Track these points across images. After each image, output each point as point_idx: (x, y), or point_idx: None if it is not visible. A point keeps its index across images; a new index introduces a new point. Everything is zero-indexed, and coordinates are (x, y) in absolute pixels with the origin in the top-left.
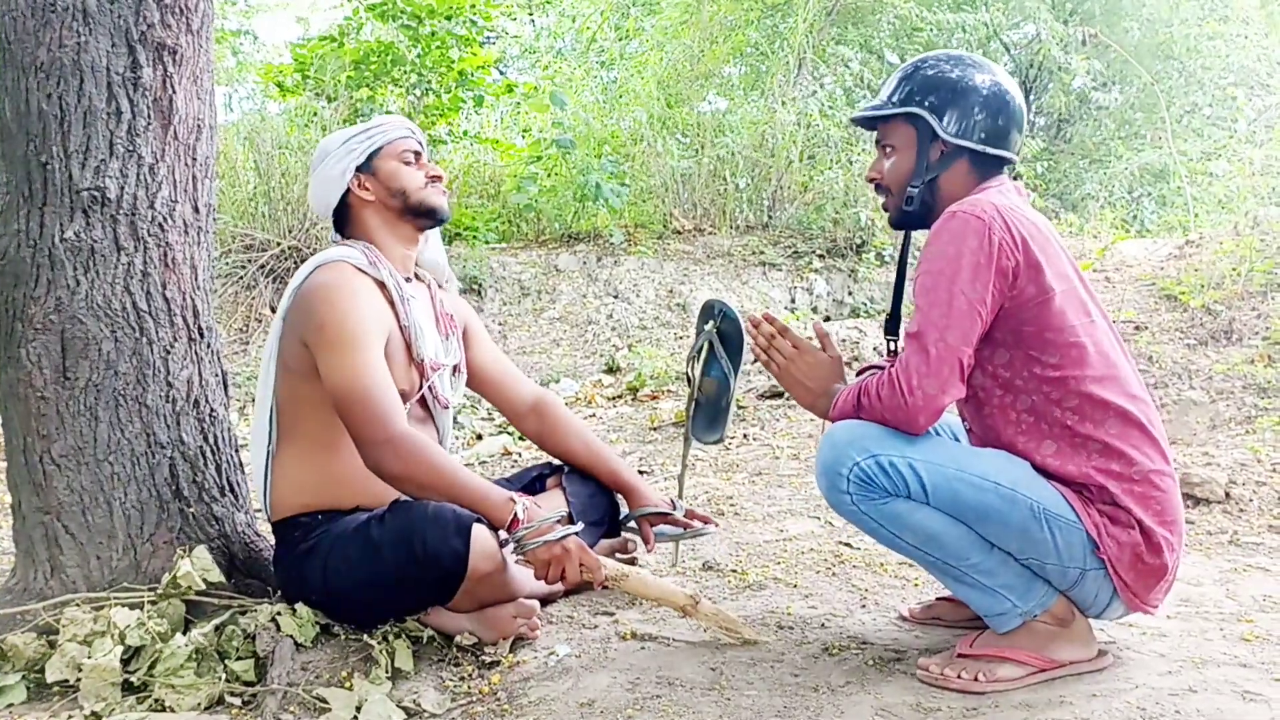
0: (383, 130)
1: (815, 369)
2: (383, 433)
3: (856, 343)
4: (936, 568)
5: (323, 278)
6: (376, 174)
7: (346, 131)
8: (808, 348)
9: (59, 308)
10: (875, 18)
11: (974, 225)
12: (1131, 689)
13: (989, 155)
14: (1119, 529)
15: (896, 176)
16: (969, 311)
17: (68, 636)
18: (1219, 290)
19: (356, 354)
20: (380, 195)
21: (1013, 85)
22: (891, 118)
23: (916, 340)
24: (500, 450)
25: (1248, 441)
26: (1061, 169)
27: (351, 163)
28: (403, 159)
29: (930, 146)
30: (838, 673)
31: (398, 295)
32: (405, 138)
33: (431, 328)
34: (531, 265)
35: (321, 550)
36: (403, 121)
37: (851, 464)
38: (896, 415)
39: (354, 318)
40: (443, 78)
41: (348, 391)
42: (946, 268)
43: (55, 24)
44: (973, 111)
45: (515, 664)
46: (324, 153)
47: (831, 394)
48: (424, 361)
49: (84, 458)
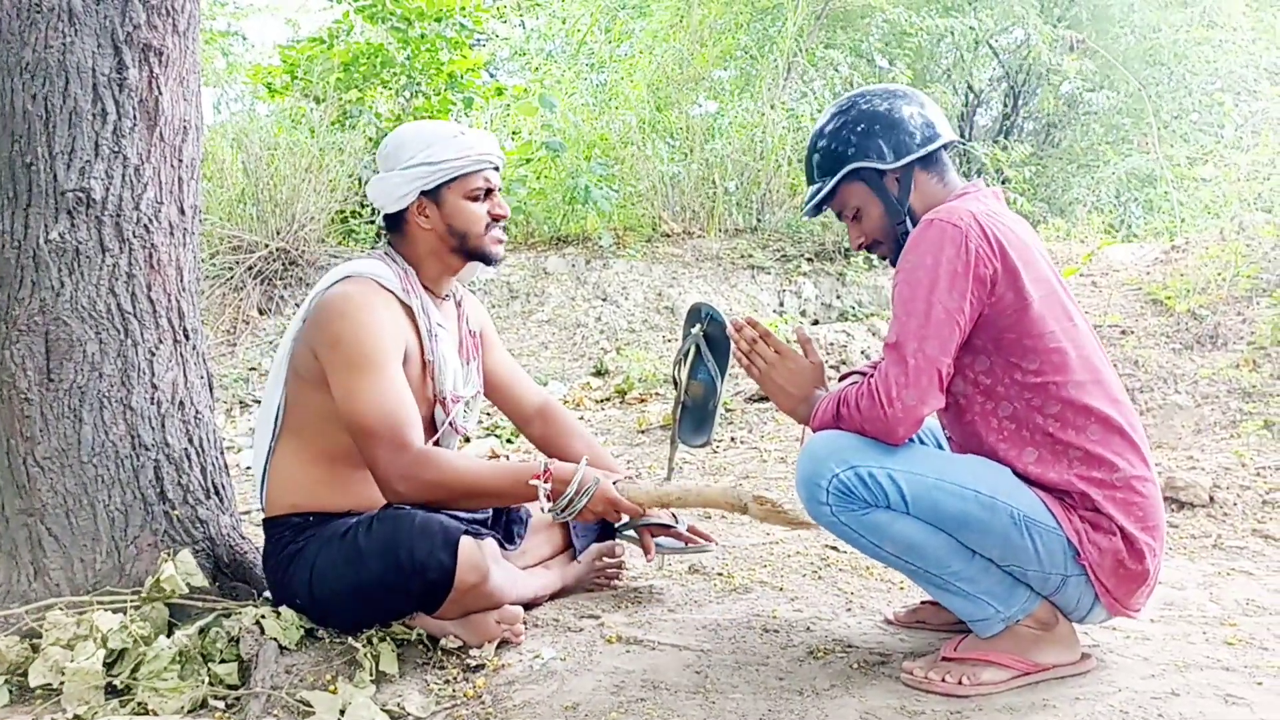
0: (460, 164)
1: (796, 375)
2: (394, 469)
3: (844, 346)
4: (918, 576)
5: (345, 290)
6: (440, 205)
7: (422, 140)
8: (790, 353)
9: (43, 309)
10: (864, 22)
11: (950, 234)
12: (1115, 692)
13: (933, 152)
14: (1100, 535)
15: (879, 228)
16: (947, 321)
17: (51, 640)
18: (1204, 295)
19: (370, 379)
20: (438, 228)
21: (903, 86)
22: (836, 190)
23: (895, 351)
24: (488, 453)
25: (1232, 446)
26: (1049, 173)
27: (419, 186)
28: (472, 196)
29: (884, 183)
30: (823, 676)
31: (425, 327)
32: (481, 171)
33: (455, 359)
34: (520, 268)
35: (309, 553)
36: (486, 151)
37: (831, 476)
38: (876, 427)
39: (370, 338)
40: (432, 80)
41: (360, 420)
42: (924, 277)
43: (41, 24)
44: (891, 131)
45: (500, 667)
46: (393, 157)
47: (812, 400)
48: (445, 398)
49: (68, 460)
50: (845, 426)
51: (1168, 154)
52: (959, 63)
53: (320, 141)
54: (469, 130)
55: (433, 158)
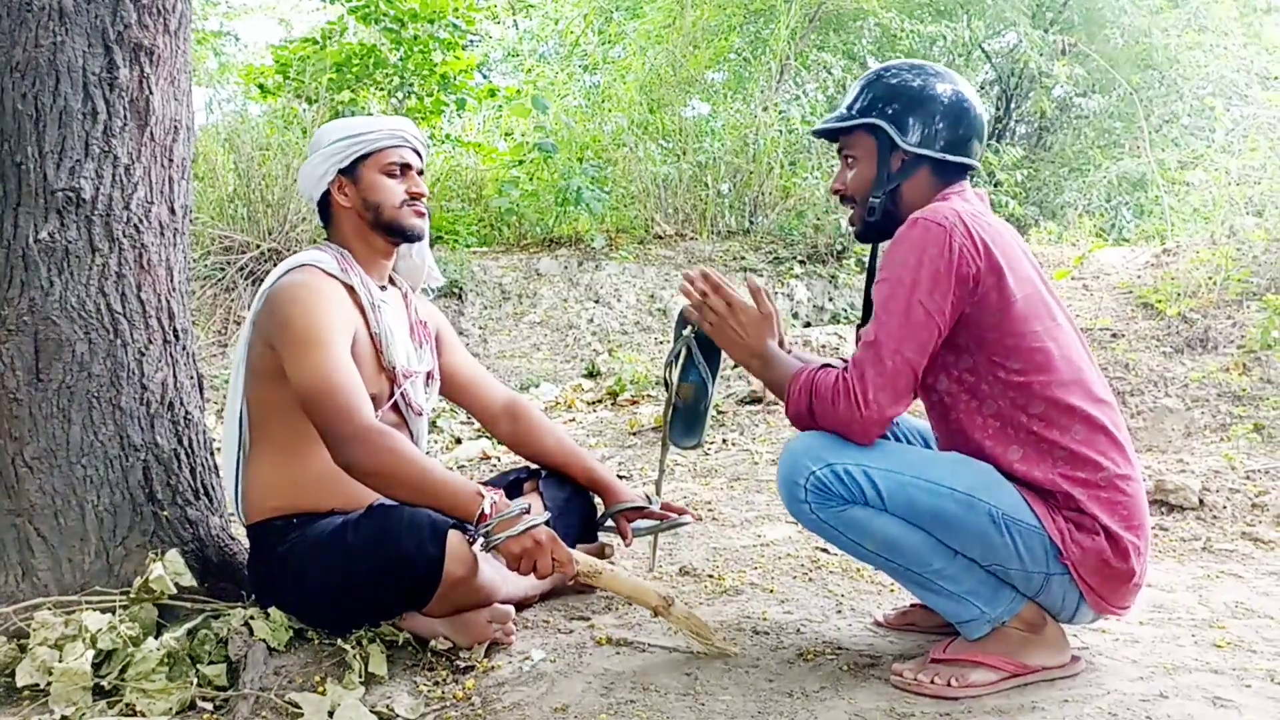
0: (373, 137)
1: (748, 326)
2: (349, 427)
3: (836, 349)
4: (902, 575)
5: (290, 280)
6: (357, 182)
7: (343, 126)
8: (741, 305)
9: (32, 309)
10: (857, 25)
11: (934, 232)
12: (1103, 695)
13: (950, 163)
14: (1084, 535)
15: (859, 187)
16: (926, 322)
17: (38, 640)
18: (1195, 299)
19: (320, 352)
20: (355, 204)
21: (973, 95)
22: (853, 129)
23: (873, 350)
24: (479, 454)
25: (1222, 449)
26: (1041, 177)
27: (335, 165)
28: (387, 170)
29: (890, 156)
30: (812, 678)
31: (368, 301)
32: (396, 147)
33: (404, 335)
34: (512, 269)
35: (296, 554)
36: (399, 127)
37: (808, 473)
38: (851, 426)
39: (318, 318)
40: (425, 81)
41: (313, 389)
42: (906, 276)
43: (31, 23)
44: (933, 120)
45: (490, 669)
46: (317, 143)
47: (765, 355)
48: (394, 368)
49: (56, 460)
50: (819, 420)
51: (1159, 158)
52: (951, 66)
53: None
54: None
55: (349, 132)
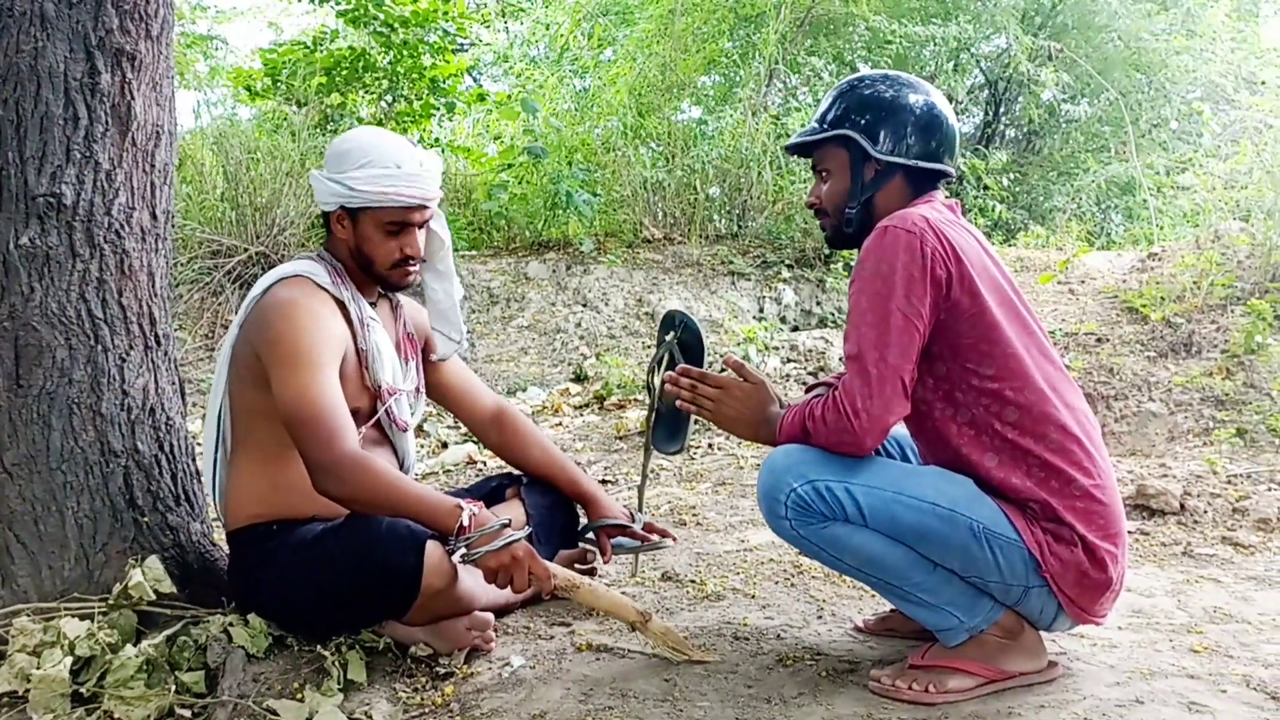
0: (388, 196)
1: (745, 400)
2: (328, 455)
3: (823, 353)
4: (880, 587)
5: (283, 293)
6: (356, 225)
7: (367, 152)
8: (730, 383)
9: (13, 315)
10: (847, 29)
11: (905, 239)
12: (1080, 700)
13: (923, 171)
14: (1062, 547)
15: (833, 199)
16: (906, 328)
17: (17, 647)
18: (1180, 303)
19: (307, 373)
20: (350, 243)
21: (945, 104)
22: (824, 142)
23: (856, 362)
24: (465, 459)
25: (1204, 453)
26: (1030, 181)
27: (342, 201)
28: (387, 229)
29: (864, 167)
30: (791, 684)
31: (357, 317)
32: (406, 209)
33: (391, 351)
34: (501, 273)
35: (276, 561)
36: (415, 192)
37: (789, 490)
38: (844, 439)
39: (309, 336)
40: (415, 85)
41: (296, 412)
42: (881, 286)
43: (12, 29)
44: (905, 129)
45: (469, 675)
46: (335, 159)
47: (770, 420)
48: (380, 387)
49: (36, 466)
50: (814, 440)
51: (1147, 162)
52: (941, 71)
53: (301, 146)
54: (412, 160)
55: (355, 183)
